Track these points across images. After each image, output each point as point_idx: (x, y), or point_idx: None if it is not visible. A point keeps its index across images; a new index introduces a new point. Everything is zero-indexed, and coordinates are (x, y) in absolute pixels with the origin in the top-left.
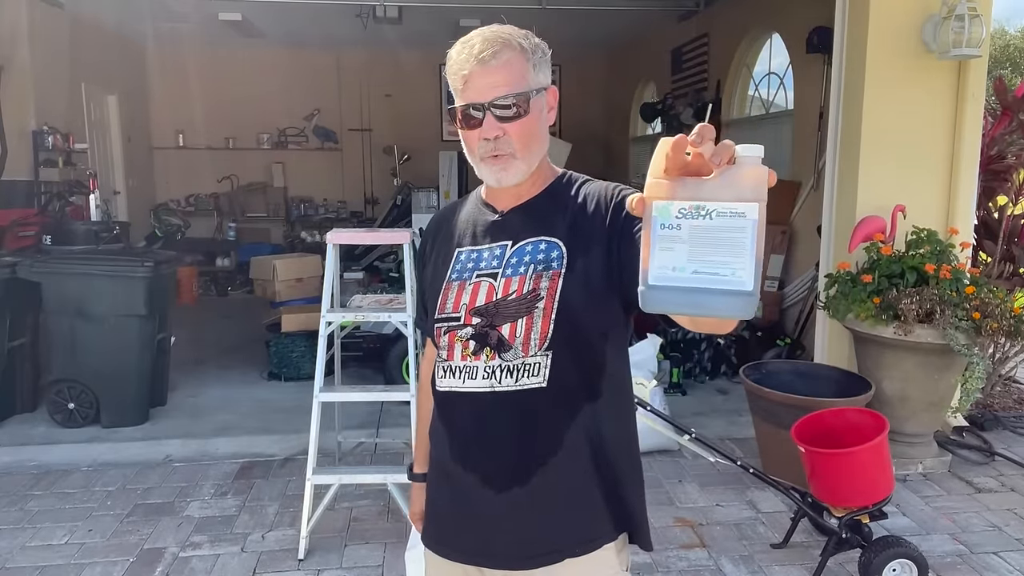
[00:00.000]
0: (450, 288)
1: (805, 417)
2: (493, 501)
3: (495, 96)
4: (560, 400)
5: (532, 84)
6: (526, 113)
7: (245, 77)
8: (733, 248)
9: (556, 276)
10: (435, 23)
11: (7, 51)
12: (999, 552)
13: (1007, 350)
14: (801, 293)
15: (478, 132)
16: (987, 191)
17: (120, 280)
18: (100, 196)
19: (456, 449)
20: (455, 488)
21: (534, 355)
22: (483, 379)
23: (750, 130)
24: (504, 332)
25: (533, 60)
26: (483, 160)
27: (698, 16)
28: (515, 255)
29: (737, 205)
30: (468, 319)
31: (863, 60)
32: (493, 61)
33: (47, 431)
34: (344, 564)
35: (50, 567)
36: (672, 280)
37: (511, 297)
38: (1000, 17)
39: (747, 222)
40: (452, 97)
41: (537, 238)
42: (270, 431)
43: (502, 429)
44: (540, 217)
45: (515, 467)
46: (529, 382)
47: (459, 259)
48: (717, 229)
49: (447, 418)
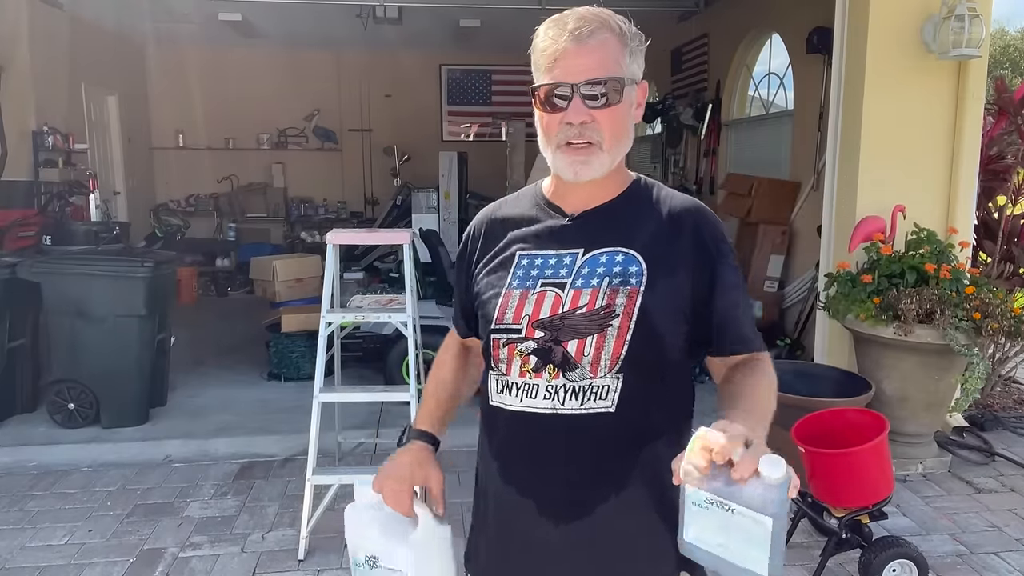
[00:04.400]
0: (511, 296)
1: (805, 417)
2: (551, 533)
3: (587, 78)
4: (628, 428)
5: (627, 72)
6: (618, 101)
7: (245, 77)
8: (751, 542)
9: (634, 293)
10: (435, 23)
11: (7, 51)
12: (999, 552)
13: (1007, 350)
14: (801, 293)
15: (560, 116)
16: (987, 191)
17: (120, 280)
18: (100, 196)
19: (509, 471)
20: (506, 513)
21: (603, 377)
22: (544, 399)
23: (750, 130)
24: (570, 349)
25: (631, 47)
26: (560, 148)
27: (698, 16)
28: (587, 265)
29: (756, 514)
30: (530, 332)
31: (863, 60)
32: (590, 40)
33: (47, 431)
34: (344, 564)
35: (50, 567)
36: (703, 544)
37: (580, 311)
38: (1000, 17)
39: (764, 529)
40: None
41: (613, 249)
42: (270, 431)
43: (562, 456)
44: (616, 225)
45: (576, 498)
46: (596, 406)
47: (520, 264)
48: (738, 525)
49: (499, 436)
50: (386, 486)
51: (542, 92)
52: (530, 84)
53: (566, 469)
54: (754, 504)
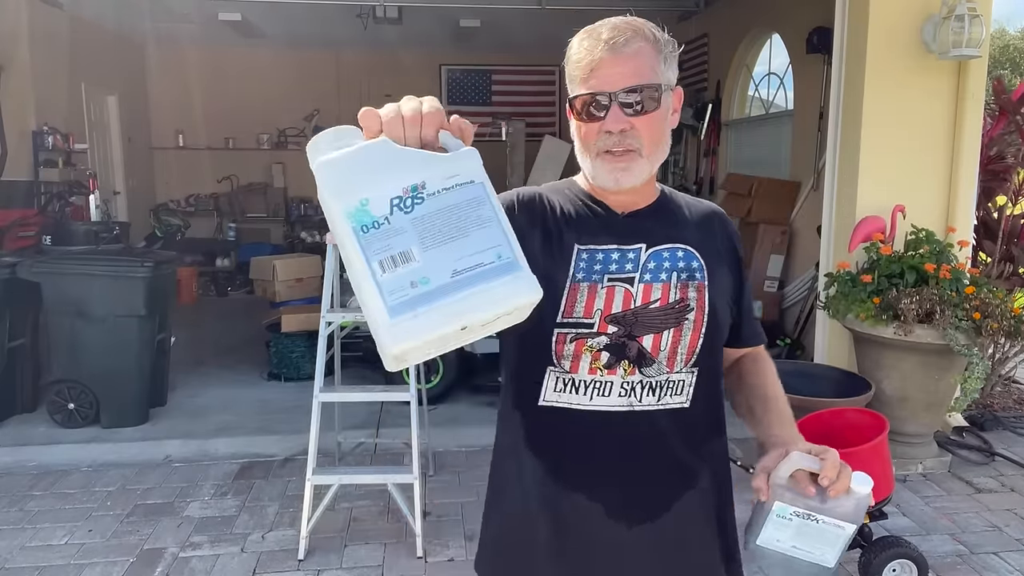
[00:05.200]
0: (578, 290)
1: (805, 417)
2: (623, 535)
3: (624, 86)
4: (700, 424)
5: (663, 79)
6: (656, 108)
7: (245, 77)
8: (828, 543)
9: (702, 288)
10: (435, 23)
11: (7, 51)
12: (999, 552)
13: (1007, 350)
14: (801, 293)
15: (599, 125)
16: (986, 191)
17: (120, 280)
18: (100, 196)
19: (574, 476)
20: (564, 517)
21: (679, 371)
22: (619, 396)
23: (750, 130)
24: (646, 344)
25: (664, 53)
26: (600, 155)
27: (698, 16)
28: (652, 260)
29: (840, 522)
30: (603, 327)
31: (863, 60)
32: (626, 48)
33: (47, 431)
34: (344, 564)
35: (50, 567)
36: (775, 546)
37: (654, 305)
38: (1000, 17)
39: (845, 533)
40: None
41: (673, 245)
42: (270, 431)
43: (636, 454)
44: (666, 224)
45: (650, 497)
46: (672, 401)
47: (581, 257)
48: (819, 530)
49: (556, 438)
50: (404, 108)
51: (579, 102)
52: (530, 85)
53: (640, 467)
54: (845, 516)
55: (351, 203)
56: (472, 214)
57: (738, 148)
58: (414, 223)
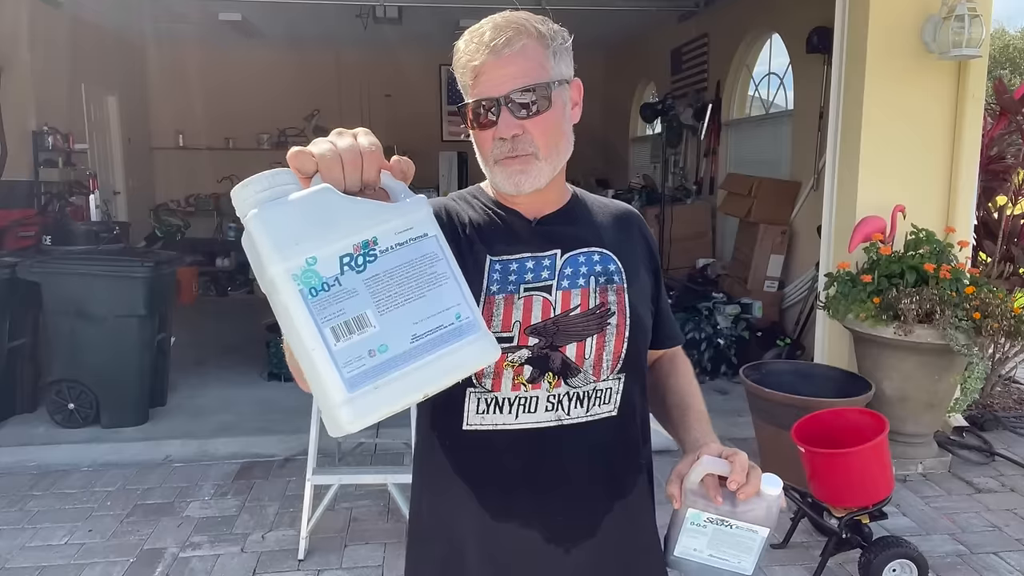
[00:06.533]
0: (493, 303)
1: (805, 417)
2: (562, 560)
3: (511, 88)
4: (628, 431)
5: (553, 75)
6: (548, 107)
7: (245, 77)
8: (743, 550)
9: (621, 291)
10: (435, 23)
11: (7, 51)
12: (999, 552)
13: (1007, 350)
14: (801, 293)
15: (492, 132)
16: (987, 191)
17: (120, 280)
18: (100, 196)
19: (503, 503)
20: (504, 554)
21: (606, 379)
22: (546, 411)
23: (750, 130)
24: (569, 353)
25: (553, 47)
26: (498, 163)
27: (698, 16)
28: (568, 265)
29: (753, 526)
30: (524, 339)
31: (863, 60)
32: (507, 50)
33: (47, 431)
34: (344, 564)
35: (50, 567)
36: (691, 556)
37: (574, 312)
38: (1000, 17)
39: (758, 537)
40: (460, 95)
41: (588, 248)
42: (270, 431)
43: (568, 471)
44: (579, 227)
45: (584, 515)
46: (600, 411)
47: (494, 268)
48: (734, 536)
49: (484, 464)
50: (341, 146)
51: (470, 110)
52: None
53: (573, 486)
54: (757, 520)
55: (296, 263)
56: (427, 271)
57: (738, 148)
58: (367, 284)
